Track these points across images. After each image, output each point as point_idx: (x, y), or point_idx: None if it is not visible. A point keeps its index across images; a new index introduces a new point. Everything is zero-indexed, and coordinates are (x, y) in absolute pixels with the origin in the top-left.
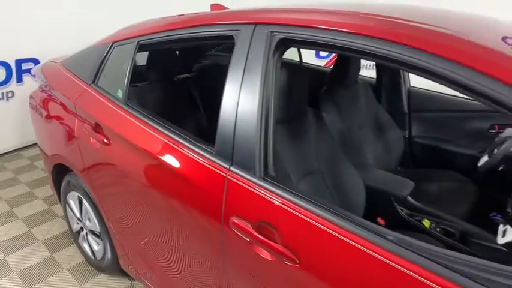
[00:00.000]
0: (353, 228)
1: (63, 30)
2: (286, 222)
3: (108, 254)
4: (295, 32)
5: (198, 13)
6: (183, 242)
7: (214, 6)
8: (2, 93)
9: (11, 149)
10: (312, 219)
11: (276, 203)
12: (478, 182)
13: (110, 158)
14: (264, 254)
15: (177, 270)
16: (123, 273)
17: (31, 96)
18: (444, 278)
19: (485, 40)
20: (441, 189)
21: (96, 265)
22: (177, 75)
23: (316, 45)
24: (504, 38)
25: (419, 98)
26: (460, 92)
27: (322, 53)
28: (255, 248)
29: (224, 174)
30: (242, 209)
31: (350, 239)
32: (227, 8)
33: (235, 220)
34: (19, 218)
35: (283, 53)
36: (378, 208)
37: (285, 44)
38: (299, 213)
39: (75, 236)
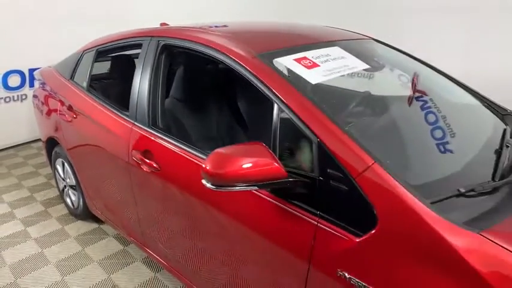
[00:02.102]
0: (185, 147)
1: (66, 44)
2: (156, 148)
3: (81, 202)
4: (168, 41)
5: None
6: (114, 177)
7: (162, 24)
8: (18, 96)
9: (24, 142)
10: (168, 145)
11: (152, 138)
12: None
13: (76, 128)
14: (146, 168)
15: (120, 204)
16: (94, 219)
17: (34, 95)
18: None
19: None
20: None
21: (74, 213)
22: None
23: (178, 48)
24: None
25: None
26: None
27: None
28: (142, 166)
29: (130, 126)
30: (137, 144)
31: (183, 154)
32: (168, 25)
33: (134, 152)
34: (25, 187)
35: (168, 55)
36: None
37: (166, 48)
38: (163, 142)
39: (61, 194)
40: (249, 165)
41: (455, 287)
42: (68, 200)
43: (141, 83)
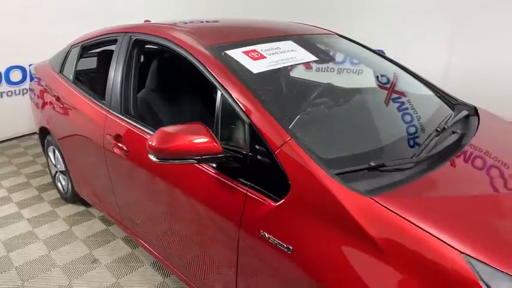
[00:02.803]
0: (149, 131)
1: (66, 40)
2: (125, 133)
3: (69, 186)
4: (139, 36)
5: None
6: (94, 161)
7: (146, 21)
8: (19, 90)
9: (25, 133)
10: (135, 129)
11: (123, 124)
12: None
13: (63, 116)
14: (117, 151)
15: (100, 186)
16: (82, 203)
17: (30, 88)
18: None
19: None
20: None
21: (64, 197)
22: None
23: (147, 42)
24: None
25: None
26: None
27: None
28: (113, 149)
29: (106, 114)
30: (110, 129)
31: (141, 134)
32: (150, 21)
33: (108, 137)
34: (23, 174)
35: (140, 49)
36: None
37: (138, 42)
38: (131, 127)
39: (53, 180)
40: (189, 141)
41: (347, 241)
42: (59, 185)
43: (115, 75)
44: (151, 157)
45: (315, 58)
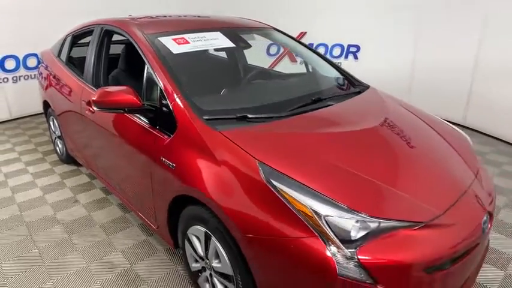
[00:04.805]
0: None
1: None
2: None
3: (64, 149)
4: (107, 27)
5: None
6: (77, 125)
7: (129, 17)
8: (34, 75)
9: (39, 112)
10: None
11: (92, 92)
12: None
13: (57, 90)
14: (88, 114)
15: (82, 144)
16: (75, 164)
17: (38, 71)
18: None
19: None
20: None
21: (61, 159)
22: None
23: (115, 33)
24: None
25: None
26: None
27: (271, 51)
28: (86, 112)
29: (83, 86)
30: (84, 97)
31: None
32: (131, 15)
33: (83, 103)
34: (32, 142)
35: (110, 37)
36: None
37: (107, 32)
38: None
39: (54, 145)
40: (119, 97)
41: (202, 157)
42: (57, 149)
43: (90, 56)
44: (94, 107)
45: (232, 45)
